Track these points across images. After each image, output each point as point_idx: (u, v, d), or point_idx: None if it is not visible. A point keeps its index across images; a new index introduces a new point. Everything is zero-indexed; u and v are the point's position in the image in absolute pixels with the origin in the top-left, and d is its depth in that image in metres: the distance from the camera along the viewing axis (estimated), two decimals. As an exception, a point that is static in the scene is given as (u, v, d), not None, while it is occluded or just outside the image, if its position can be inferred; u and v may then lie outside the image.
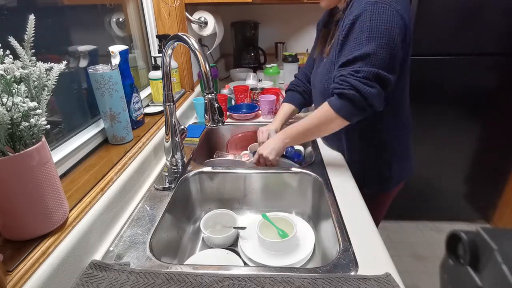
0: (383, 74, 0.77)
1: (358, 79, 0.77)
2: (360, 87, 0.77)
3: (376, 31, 0.75)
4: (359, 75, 0.77)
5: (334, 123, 0.85)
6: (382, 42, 0.75)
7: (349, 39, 0.80)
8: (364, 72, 0.77)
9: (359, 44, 0.77)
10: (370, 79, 0.77)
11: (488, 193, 2.05)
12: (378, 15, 0.75)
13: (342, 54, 0.82)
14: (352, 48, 0.79)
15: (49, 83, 0.51)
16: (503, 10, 1.59)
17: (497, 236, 0.34)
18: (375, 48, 0.76)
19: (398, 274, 0.57)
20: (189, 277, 0.56)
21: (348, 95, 0.78)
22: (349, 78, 0.78)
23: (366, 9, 0.75)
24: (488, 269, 0.33)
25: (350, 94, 0.78)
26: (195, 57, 0.73)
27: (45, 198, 0.52)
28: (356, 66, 0.78)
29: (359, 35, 0.77)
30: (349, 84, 0.78)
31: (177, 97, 1.33)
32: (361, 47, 0.77)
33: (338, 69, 0.82)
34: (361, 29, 0.76)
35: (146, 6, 1.30)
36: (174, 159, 0.93)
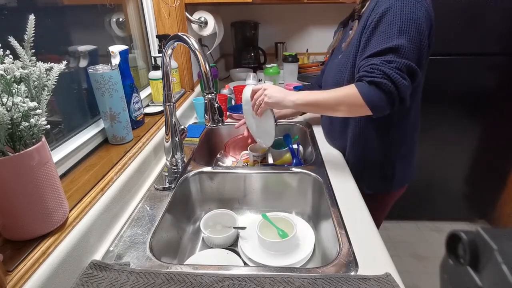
0: (414, 67, 0.76)
1: (391, 69, 0.74)
2: (394, 76, 0.74)
3: (407, 24, 0.75)
4: (392, 65, 0.75)
5: (355, 108, 0.80)
6: (412, 35, 0.75)
7: (377, 32, 0.78)
8: (397, 62, 0.75)
9: (390, 37, 0.76)
10: (403, 70, 0.75)
11: (488, 193, 2.05)
12: (408, 8, 0.75)
13: (369, 46, 0.80)
14: (381, 40, 0.77)
15: (49, 83, 0.51)
16: (503, 10, 1.59)
17: (497, 236, 0.34)
18: (406, 41, 0.75)
19: (398, 274, 0.57)
20: (189, 277, 0.56)
21: (381, 84, 0.75)
22: (381, 67, 0.75)
23: (397, 2, 0.76)
24: (488, 269, 0.33)
25: (383, 83, 0.74)
26: (195, 57, 0.73)
27: (45, 198, 0.52)
28: (388, 57, 0.76)
29: (389, 28, 0.76)
30: (381, 72, 0.75)
31: (177, 97, 1.33)
32: (392, 40, 0.75)
33: (366, 59, 0.79)
34: (391, 22, 0.76)
35: (146, 6, 1.30)
36: (174, 159, 0.93)
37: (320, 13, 2.21)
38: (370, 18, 0.81)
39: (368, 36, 0.81)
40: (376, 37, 0.79)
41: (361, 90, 0.77)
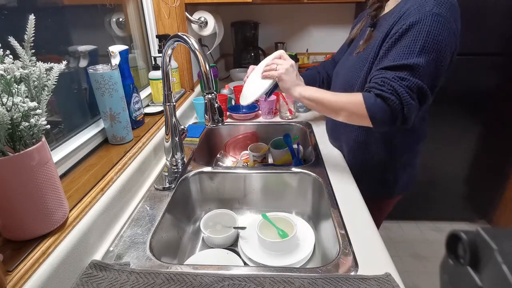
0: (425, 89, 0.74)
1: (402, 86, 0.73)
2: (403, 94, 0.73)
3: (431, 44, 0.72)
4: (404, 83, 0.73)
5: (356, 117, 0.80)
6: (433, 57, 0.72)
7: (399, 45, 0.76)
8: (410, 81, 0.73)
9: (410, 53, 0.73)
10: (413, 90, 0.74)
11: (488, 193, 2.05)
12: (437, 29, 0.71)
13: (388, 57, 0.78)
14: (401, 54, 0.74)
15: (49, 83, 0.51)
16: (503, 10, 1.59)
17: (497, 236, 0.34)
18: (426, 61, 0.72)
19: (398, 274, 0.57)
20: (189, 277, 0.56)
21: (388, 99, 0.74)
22: (393, 82, 0.74)
23: (426, 19, 0.72)
24: (488, 269, 0.33)
25: (390, 99, 0.74)
26: (195, 57, 0.73)
27: (45, 198, 0.52)
28: (403, 74, 0.74)
29: (412, 43, 0.73)
30: (391, 88, 0.74)
31: (177, 97, 1.33)
32: (412, 56, 0.73)
33: (380, 70, 0.78)
34: (416, 38, 0.73)
35: (146, 6, 1.30)
36: (174, 159, 0.93)
37: (320, 13, 2.21)
38: (395, 27, 0.78)
39: (389, 46, 0.78)
40: (396, 49, 0.76)
41: (367, 101, 0.76)
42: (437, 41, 0.72)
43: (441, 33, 0.71)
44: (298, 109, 1.41)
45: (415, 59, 0.72)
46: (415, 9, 0.74)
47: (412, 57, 0.73)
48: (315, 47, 2.28)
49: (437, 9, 0.71)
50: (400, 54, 0.74)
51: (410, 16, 0.75)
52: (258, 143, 1.22)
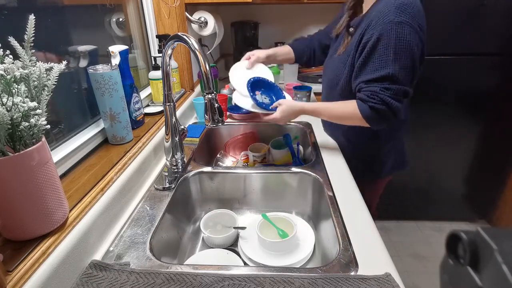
0: (407, 90, 0.86)
1: (388, 96, 0.85)
2: (391, 102, 0.85)
3: (401, 51, 0.82)
4: (389, 92, 0.85)
5: (356, 122, 0.94)
6: (406, 62, 0.83)
7: (373, 57, 0.85)
8: (394, 90, 0.85)
9: (385, 64, 0.83)
10: (399, 95, 0.86)
11: (488, 193, 2.05)
12: (403, 35, 0.81)
13: (366, 70, 0.88)
14: (377, 66, 0.85)
15: (49, 83, 0.51)
16: (503, 10, 1.59)
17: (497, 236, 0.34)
18: (401, 67, 0.83)
19: (398, 274, 0.57)
20: (189, 277, 0.56)
21: (379, 110, 0.86)
22: (380, 94, 0.85)
23: (391, 29, 0.81)
24: (488, 269, 0.33)
25: (381, 109, 0.86)
26: (195, 57, 0.73)
27: (45, 198, 0.52)
28: (386, 84, 0.85)
29: (384, 55, 0.83)
30: (380, 99, 0.86)
31: (177, 97, 1.33)
32: (387, 67, 0.83)
33: (367, 84, 0.88)
34: (386, 49, 0.82)
35: (146, 6, 1.30)
36: (174, 159, 0.93)
37: (320, 13, 2.21)
38: (365, 35, 0.87)
39: (365, 57, 0.87)
40: (373, 62, 0.86)
41: (363, 111, 0.89)
42: (405, 46, 0.82)
43: (407, 37, 0.81)
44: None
45: (391, 69, 0.83)
46: (379, 19, 0.83)
47: (389, 67, 0.83)
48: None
49: (399, 17, 0.80)
50: (377, 66, 0.85)
51: (376, 27, 0.84)
52: (258, 143, 1.22)
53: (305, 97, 1.39)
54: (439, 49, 1.68)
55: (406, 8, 0.81)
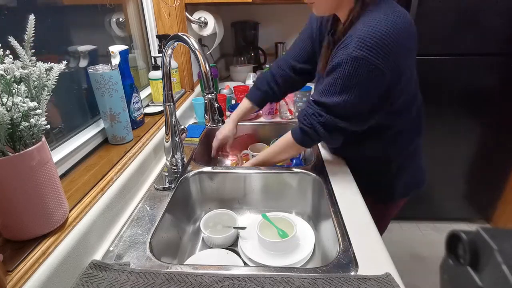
0: (341, 125, 0.81)
1: (319, 122, 0.82)
2: (318, 129, 0.83)
3: (349, 86, 0.76)
4: (321, 119, 0.82)
5: (293, 149, 0.92)
6: (353, 97, 0.77)
7: (326, 81, 0.81)
8: (325, 118, 0.81)
9: (332, 92, 0.79)
10: (328, 125, 0.82)
11: (488, 193, 2.05)
12: (355, 70, 0.73)
13: (316, 90, 0.86)
14: (325, 91, 0.81)
15: (49, 83, 0.51)
16: (503, 10, 1.59)
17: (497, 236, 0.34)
18: (343, 101, 0.78)
19: (398, 274, 0.57)
20: (189, 277, 0.56)
21: (307, 132, 0.85)
22: (311, 118, 0.83)
23: (347, 62, 0.74)
24: (488, 269, 0.33)
25: (309, 132, 0.85)
26: (195, 57, 0.73)
27: (45, 198, 0.52)
28: (321, 110, 0.82)
29: (334, 83, 0.78)
30: (310, 123, 0.84)
31: (177, 97, 1.33)
32: (332, 95, 0.79)
33: (309, 103, 0.86)
34: (337, 79, 0.77)
35: (146, 6, 1.30)
36: (174, 159, 0.92)
37: (320, 13, 2.21)
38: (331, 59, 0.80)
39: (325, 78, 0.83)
40: (324, 85, 0.82)
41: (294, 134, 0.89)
42: (356, 84, 0.75)
43: (360, 73, 0.73)
44: (298, 109, 1.41)
45: (334, 99, 0.79)
46: (342, 48, 0.76)
47: (332, 96, 0.79)
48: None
49: (358, 51, 0.71)
50: (324, 90, 0.81)
51: (338, 53, 0.77)
52: (258, 143, 1.22)
53: (305, 97, 1.39)
54: (439, 49, 1.68)
55: (370, 41, 0.70)
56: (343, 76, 0.75)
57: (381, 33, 0.69)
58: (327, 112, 0.81)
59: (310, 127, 0.84)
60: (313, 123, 0.83)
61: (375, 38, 0.69)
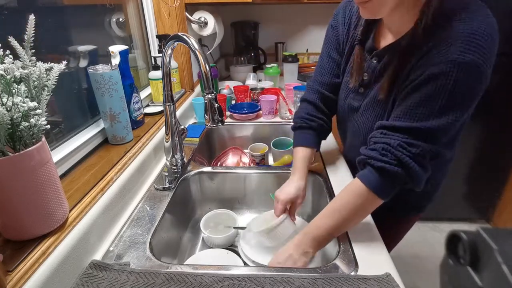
0: (439, 151, 0.61)
1: (409, 155, 0.59)
2: (410, 165, 0.59)
3: (456, 102, 0.58)
4: (413, 150, 0.59)
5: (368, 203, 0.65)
6: (458, 115, 0.59)
7: (414, 99, 0.60)
8: (422, 148, 0.59)
9: (428, 114, 0.59)
10: (425, 156, 0.60)
11: (488, 193, 2.05)
12: (465, 82, 0.56)
13: (397, 112, 0.63)
14: (414, 113, 0.60)
15: (49, 83, 0.51)
16: (503, 10, 1.59)
17: (497, 236, 0.34)
18: (447, 122, 0.58)
19: (398, 274, 0.57)
20: (189, 277, 0.56)
21: (391, 172, 0.61)
22: (397, 151, 0.60)
23: (451, 71, 0.55)
24: (488, 269, 0.33)
25: (394, 171, 0.60)
26: (195, 57, 0.73)
27: (45, 198, 0.52)
28: (412, 140, 0.60)
29: (430, 101, 0.58)
30: (395, 158, 0.60)
31: (177, 97, 1.33)
32: (429, 118, 0.59)
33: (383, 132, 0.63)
34: (436, 94, 0.57)
35: (146, 6, 1.30)
36: (174, 159, 0.92)
37: (320, 13, 2.21)
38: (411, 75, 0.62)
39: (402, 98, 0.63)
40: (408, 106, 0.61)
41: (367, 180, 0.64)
42: (464, 97, 0.58)
43: (470, 86, 0.57)
44: (298, 109, 1.41)
45: (433, 122, 0.58)
46: (438, 52, 0.57)
47: (429, 119, 0.59)
48: (315, 47, 2.28)
49: (466, 55, 0.55)
50: (413, 112, 0.60)
51: (431, 62, 0.58)
52: (258, 143, 1.21)
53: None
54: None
55: (479, 40, 0.55)
56: (446, 90, 0.56)
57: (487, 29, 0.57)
58: (423, 140, 0.59)
59: (396, 164, 0.60)
60: (402, 158, 0.59)
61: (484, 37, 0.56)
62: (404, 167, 0.60)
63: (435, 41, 0.58)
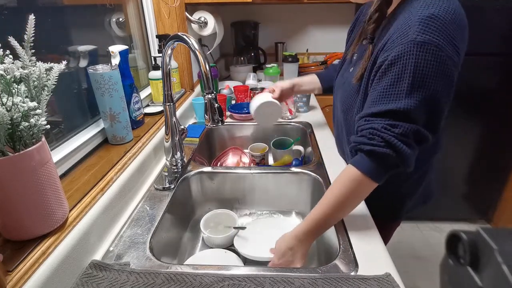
0: (422, 131, 0.63)
1: (394, 135, 0.62)
2: (396, 144, 0.62)
3: (421, 80, 0.60)
4: (396, 131, 0.62)
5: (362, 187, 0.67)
6: (426, 95, 0.61)
7: (383, 84, 0.64)
8: (403, 127, 0.62)
9: (397, 94, 0.62)
10: (408, 136, 0.62)
11: (488, 193, 2.05)
12: (425, 60, 0.59)
13: (372, 99, 0.66)
14: (387, 96, 0.63)
15: (49, 83, 0.51)
16: (503, 10, 1.59)
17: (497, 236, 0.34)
18: (416, 102, 0.61)
19: (398, 274, 0.57)
20: (189, 277, 0.56)
21: (381, 154, 0.63)
22: (383, 133, 0.63)
23: (410, 51, 0.59)
24: (488, 269, 0.33)
25: (383, 152, 0.62)
26: (195, 57, 0.73)
27: (45, 198, 0.52)
28: (393, 121, 0.63)
29: (397, 83, 0.62)
30: (382, 140, 0.63)
31: (177, 97, 1.33)
32: (399, 98, 0.62)
33: (366, 119, 0.66)
34: (401, 76, 0.61)
35: (146, 6, 1.30)
36: (174, 159, 0.92)
37: (320, 13, 2.21)
38: (378, 59, 0.66)
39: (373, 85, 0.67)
40: (381, 90, 0.64)
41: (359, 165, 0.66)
42: (427, 75, 0.60)
43: (431, 63, 0.59)
44: (298, 109, 1.41)
45: (405, 102, 0.61)
46: (398, 36, 0.62)
47: (400, 100, 0.62)
48: (315, 47, 2.28)
49: (423, 35, 0.58)
50: (385, 96, 0.64)
51: (393, 46, 0.62)
52: (258, 143, 1.21)
53: (305, 97, 1.39)
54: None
55: (435, 22, 0.58)
56: (410, 67, 0.60)
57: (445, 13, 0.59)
58: (403, 120, 0.62)
59: (384, 144, 0.62)
60: (387, 138, 0.62)
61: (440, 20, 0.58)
62: (391, 147, 0.62)
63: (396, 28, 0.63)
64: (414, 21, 0.60)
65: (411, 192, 0.87)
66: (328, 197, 0.68)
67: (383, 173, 0.65)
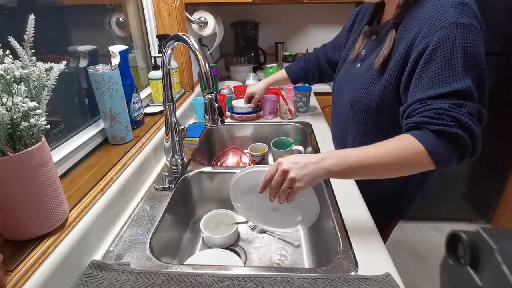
0: (483, 112, 0.62)
1: (463, 114, 0.59)
2: (468, 123, 0.58)
3: (470, 61, 0.61)
4: (464, 110, 0.59)
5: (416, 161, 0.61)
6: (477, 73, 0.61)
7: (432, 69, 0.63)
8: (469, 106, 0.60)
9: (454, 76, 0.61)
10: (474, 115, 0.60)
11: (488, 193, 2.05)
12: (470, 40, 0.60)
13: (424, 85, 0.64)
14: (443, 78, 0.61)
15: (49, 83, 0.51)
16: (503, 10, 1.59)
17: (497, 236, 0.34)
18: (472, 80, 0.61)
19: (398, 274, 0.57)
20: (189, 277, 0.56)
21: (452, 134, 0.59)
22: (452, 112, 0.59)
23: (455, 33, 0.60)
24: (488, 269, 0.33)
25: (456, 133, 0.58)
26: (195, 57, 0.73)
27: (45, 198, 0.52)
28: (458, 100, 0.60)
29: (449, 63, 0.61)
30: (452, 119, 0.59)
31: (177, 97, 1.33)
32: (457, 79, 0.60)
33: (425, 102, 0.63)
34: (451, 56, 0.61)
35: (146, 6, 1.30)
36: (174, 159, 0.92)
37: (320, 13, 2.21)
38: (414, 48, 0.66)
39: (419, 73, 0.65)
40: (433, 74, 0.63)
41: (425, 143, 0.59)
42: (475, 54, 0.61)
43: (475, 44, 0.61)
44: (298, 109, 1.41)
45: (463, 81, 0.60)
46: (435, 21, 0.63)
47: (459, 80, 0.60)
48: (315, 47, 2.28)
49: (462, 18, 0.61)
50: (441, 78, 0.62)
51: (432, 30, 0.63)
52: (258, 143, 1.21)
53: (305, 97, 1.39)
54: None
55: (467, 8, 0.62)
56: (457, 50, 0.60)
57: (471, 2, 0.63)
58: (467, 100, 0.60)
59: (454, 124, 0.59)
60: (458, 117, 0.58)
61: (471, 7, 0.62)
62: (463, 127, 0.58)
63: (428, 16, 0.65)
64: (448, 6, 0.62)
65: (414, 193, 0.89)
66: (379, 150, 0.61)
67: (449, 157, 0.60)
